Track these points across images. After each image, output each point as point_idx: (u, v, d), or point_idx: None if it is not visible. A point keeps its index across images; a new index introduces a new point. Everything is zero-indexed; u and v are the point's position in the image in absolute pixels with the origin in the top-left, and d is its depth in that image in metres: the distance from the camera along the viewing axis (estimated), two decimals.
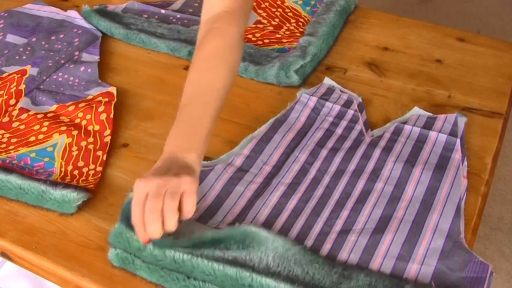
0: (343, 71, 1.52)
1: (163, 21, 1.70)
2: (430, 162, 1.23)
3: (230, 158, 1.25)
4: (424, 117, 1.34)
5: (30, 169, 1.26)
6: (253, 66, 1.50)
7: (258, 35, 1.63)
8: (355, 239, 1.09)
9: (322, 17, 1.65)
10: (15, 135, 1.34)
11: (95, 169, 1.26)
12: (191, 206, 1.00)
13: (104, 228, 1.14)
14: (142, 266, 1.05)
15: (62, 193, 1.17)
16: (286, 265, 1.03)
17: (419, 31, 1.66)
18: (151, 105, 1.43)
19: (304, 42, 1.56)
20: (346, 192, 1.18)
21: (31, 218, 1.17)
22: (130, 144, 1.33)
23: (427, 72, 1.52)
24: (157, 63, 1.57)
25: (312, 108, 1.37)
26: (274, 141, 1.28)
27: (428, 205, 1.15)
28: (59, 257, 1.10)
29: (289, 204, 1.16)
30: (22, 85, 1.47)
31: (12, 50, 1.61)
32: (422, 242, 1.09)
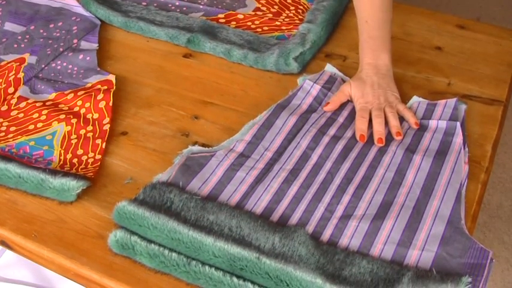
0: (343, 59, 1.52)
1: (162, 8, 1.69)
2: (431, 149, 1.23)
3: (231, 144, 1.25)
4: (424, 105, 1.34)
5: (29, 157, 1.26)
6: (253, 54, 1.49)
7: (257, 22, 1.63)
8: (356, 224, 1.09)
9: (321, 4, 1.64)
10: (14, 123, 1.34)
11: (94, 157, 1.25)
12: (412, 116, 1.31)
13: (103, 217, 1.14)
14: (143, 252, 1.05)
15: (61, 181, 1.16)
16: (291, 246, 1.03)
17: (419, 18, 1.66)
18: (150, 93, 1.43)
19: (304, 29, 1.56)
20: (348, 178, 1.18)
21: (30, 207, 1.17)
22: (129, 132, 1.32)
23: (427, 59, 1.52)
24: (156, 51, 1.57)
25: (314, 96, 1.36)
26: (275, 127, 1.28)
27: (429, 191, 1.15)
28: (59, 245, 1.10)
29: (290, 190, 1.16)
30: (21, 73, 1.47)
31: (10, 38, 1.60)
32: (423, 228, 1.09)
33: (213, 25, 1.60)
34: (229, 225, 1.07)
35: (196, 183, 1.16)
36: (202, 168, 1.19)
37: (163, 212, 1.08)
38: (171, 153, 1.25)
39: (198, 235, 1.04)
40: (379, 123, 1.29)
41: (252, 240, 1.05)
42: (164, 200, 1.12)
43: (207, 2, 1.72)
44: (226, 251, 1.02)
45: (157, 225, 1.06)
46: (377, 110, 1.31)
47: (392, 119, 1.30)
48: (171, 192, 1.13)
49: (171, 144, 1.28)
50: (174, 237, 1.05)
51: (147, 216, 1.07)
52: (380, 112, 1.31)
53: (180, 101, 1.40)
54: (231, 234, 1.06)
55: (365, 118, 1.30)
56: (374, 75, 1.36)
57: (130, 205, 1.09)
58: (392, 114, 1.31)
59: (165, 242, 1.05)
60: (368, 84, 1.35)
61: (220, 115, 1.35)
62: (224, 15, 1.66)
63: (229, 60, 1.52)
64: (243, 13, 1.66)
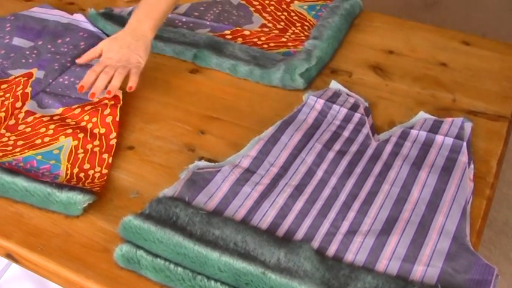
0: (348, 75, 1.53)
1: (169, 24, 1.70)
2: (437, 165, 1.23)
3: (237, 160, 1.25)
4: (430, 121, 1.34)
5: (36, 171, 1.26)
6: (259, 69, 1.50)
7: (263, 38, 1.63)
8: (361, 240, 1.09)
9: (327, 21, 1.65)
10: (22, 137, 1.34)
11: (100, 171, 1.26)
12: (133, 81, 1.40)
13: (109, 230, 1.14)
14: (148, 266, 1.05)
15: (67, 195, 1.17)
16: (296, 261, 1.03)
17: (424, 34, 1.67)
18: (156, 108, 1.43)
19: (310, 45, 1.57)
20: (353, 194, 1.18)
21: (36, 220, 1.17)
22: (136, 146, 1.33)
23: (432, 75, 1.52)
24: (163, 67, 1.57)
25: (319, 110, 1.37)
26: (281, 142, 1.28)
27: (434, 207, 1.15)
28: (64, 258, 1.10)
29: (295, 205, 1.16)
30: (28, 88, 1.47)
31: (18, 53, 1.61)
32: (428, 243, 1.09)
33: (219, 41, 1.61)
34: (235, 240, 1.07)
35: (202, 198, 1.17)
36: (208, 183, 1.20)
37: (169, 227, 1.09)
38: (177, 168, 1.26)
39: (203, 250, 1.05)
40: (103, 79, 1.41)
41: (257, 255, 1.05)
42: (170, 214, 1.12)
43: (213, 18, 1.73)
44: (231, 266, 1.03)
45: (163, 239, 1.07)
46: (110, 67, 1.43)
47: (115, 79, 1.40)
48: (177, 206, 1.13)
49: (177, 159, 1.29)
50: (180, 252, 1.05)
51: (153, 230, 1.08)
52: (111, 70, 1.42)
53: (186, 116, 1.40)
54: (236, 249, 1.06)
55: (95, 72, 1.42)
56: (128, 35, 1.48)
57: (136, 219, 1.10)
58: (119, 74, 1.41)
59: (170, 257, 1.06)
60: (118, 43, 1.48)
61: (226, 130, 1.36)
62: (230, 32, 1.67)
63: (235, 75, 1.53)
64: (249, 29, 1.67)
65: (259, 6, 1.78)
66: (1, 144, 1.33)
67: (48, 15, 1.76)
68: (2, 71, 1.54)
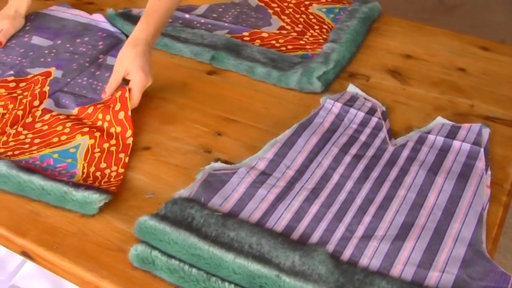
0: (366, 78, 1.52)
1: (187, 25, 1.70)
2: (453, 171, 1.23)
3: (253, 162, 1.25)
4: (447, 126, 1.34)
5: (52, 170, 1.26)
6: (276, 72, 1.50)
7: (281, 41, 1.63)
8: (376, 245, 1.09)
9: (345, 24, 1.65)
10: (38, 135, 1.35)
11: (117, 171, 1.26)
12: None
13: (124, 230, 1.14)
14: (163, 267, 1.05)
15: (83, 194, 1.17)
16: (311, 264, 1.03)
17: (443, 39, 1.66)
18: (173, 109, 1.44)
19: (328, 48, 1.56)
20: (369, 199, 1.18)
21: (52, 218, 1.18)
22: (153, 147, 1.33)
23: (450, 80, 1.52)
24: (181, 68, 1.58)
25: (336, 114, 1.37)
26: (297, 145, 1.28)
27: (450, 213, 1.15)
28: (79, 257, 1.10)
29: (311, 209, 1.16)
30: (46, 87, 1.48)
31: (37, 52, 1.62)
32: (443, 249, 1.08)
33: (237, 43, 1.61)
34: (250, 242, 1.07)
35: (218, 199, 1.17)
36: (224, 185, 1.20)
37: (184, 228, 1.09)
38: (193, 169, 1.26)
39: (218, 251, 1.05)
40: None
41: (272, 258, 1.05)
42: (185, 215, 1.12)
43: (231, 20, 1.73)
44: (246, 268, 1.02)
45: (178, 240, 1.07)
46: None
47: None
48: (193, 208, 1.13)
49: (194, 160, 1.29)
50: (195, 253, 1.05)
51: (168, 231, 1.08)
52: None
53: (203, 117, 1.41)
54: (251, 251, 1.06)
55: None
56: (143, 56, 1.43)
57: (152, 220, 1.10)
58: None
59: (185, 258, 1.06)
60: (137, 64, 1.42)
61: (242, 132, 1.36)
62: (249, 33, 1.67)
63: (253, 77, 1.53)
64: (268, 31, 1.67)
65: (277, 8, 1.78)
66: (18, 142, 1.33)
67: (67, 14, 1.76)
68: (21, 69, 1.55)
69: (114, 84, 1.43)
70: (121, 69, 1.41)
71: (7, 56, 1.61)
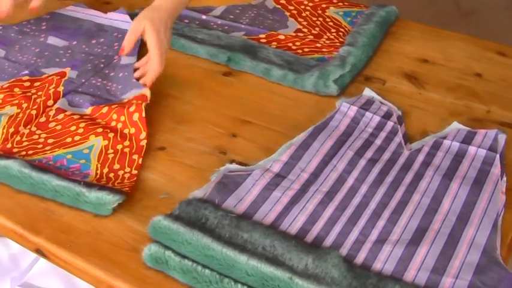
0: (382, 82, 1.52)
1: (204, 26, 1.71)
2: (468, 177, 1.22)
3: (268, 164, 1.25)
4: (463, 132, 1.33)
5: (66, 170, 1.27)
6: (292, 74, 1.50)
7: (298, 43, 1.63)
8: (390, 249, 1.09)
9: (362, 28, 1.65)
10: (52, 135, 1.35)
11: (130, 172, 1.26)
12: None
13: (138, 230, 1.15)
14: (176, 267, 1.05)
15: (97, 195, 1.17)
16: (324, 267, 1.03)
17: (460, 44, 1.65)
18: (189, 109, 1.44)
19: (344, 52, 1.56)
20: (383, 203, 1.17)
21: (67, 217, 1.18)
22: (167, 147, 1.33)
23: (467, 86, 1.51)
24: (197, 68, 1.58)
25: (352, 117, 1.36)
26: (312, 148, 1.28)
27: (464, 219, 1.14)
28: (93, 256, 1.11)
29: (325, 212, 1.15)
30: (60, 87, 1.48)
31: (52, 52, 1.62)
32: (457, 255, 1.08)
33: (253, 44, 1.61)
34: (263, 244, 1.07)
35: (232, 201, 1.17)
36: (239, 187, 1.20)
37: (198, 228, 1.09)
38: (208, 170, 1.26)
39: (231, 252, 1.05)
40: None
41: (285, 260, 1.05)
42: (199, 216, 1.12)
43: (248, 21, 1.73)
44: (259, 270, 1.02)
45: (191, 241, 1.07)
46: None
47: None
48: (207, 208, 1.13)
49: (208, 161, 1.29)
50: (208, 254, 1.05)
51: (182, 231, 1.08)
52: None
53: (218, 118, 1.41)
54: (264, 253, 1.06)
55: None
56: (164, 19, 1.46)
57: (166, 220, 1.10)
58: None
59: (198, 258, 1.06)
60: (158, 25, 1.44)
61: (258, 134, 1.36)
62: (265, 35, 1.67)
63: (269, 79, 1.53)
64: (284, 34, 1.67)
65: (294, 11, 1.78)
66: (32, 141, 1.34)
67: (82, 14, 1.77)
68: (36, 69, 1.55)
69: (131, 41, 1.44)
70: (138, 26, 1.42)
71: (22, 56, 1.62)
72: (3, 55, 1.62)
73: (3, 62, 1.59)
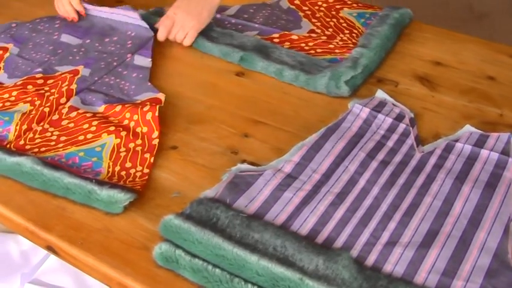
0: (395, 84, 1.52)
1: (217, 25, 1.71)
2: (480, 180, 1.22)
3: (280, 164, 1.25)
4: (476, 135, 1.33)
5: (78, 168, 1.27)
6: (304, 75, 1.50)
7: (311, 44, 1.63)
8: (401, 251, 1.08)
9: (375, 29, 1.65)
10: (64, 133, 1.36)
11: (142, 171, 1.26)
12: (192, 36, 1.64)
13: (149, 228, 1.15)
14: (186, 266, 1.05)
15: (108, 193, 1.17)
16: (335, 269, 1.03)
17: (473, 47, 1.65)
18: (202, 109, 1.44)
19: (357, 53, 1.56)
20: (394, 205, 1.17)
21: (78, 214, 1.18)
22: (180, 146, 1.34)
23: (479, 89, 1.51)
24: (210, 68, 1.58)
25: (364, 119, 1.36)
26: (324, 149, 1.28)
27: (476, 222, 1.14)
28: (104, 254, 1.11)
29: (336, 213, 1.15)
30: (73, 85, 1.49)
31: (66, 50, 1.63)
32: (468, 259, 1.08)
33: (266, 44, 1.62)
34: (274, 245, 1.07)
35: (243, 201, 1.17)
36: (250, 187, 1.20)
37: (209, 228, 1.09)
38: (220, 170, 1.26)
39: (242, 252, 1.05)
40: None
41: (295, 261, 1.05)
42: (210, 215, 1.12)
43: (262, 21, 1.74)
44: (269, 270, 1.02)
45: (202, 240, 1.07)
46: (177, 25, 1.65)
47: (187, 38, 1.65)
48: (218, 208, 1.13)
49: (220, 161, 1.29)
50: (218, 253, 1.05)
51: (193, 230, 1.08)
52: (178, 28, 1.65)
53: (231, 118, 1.41)
54: (275, 254, 1.06)
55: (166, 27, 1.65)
56: None
57: (177, 219, 1.10)
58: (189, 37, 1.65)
59: (209, 258, 1.06)
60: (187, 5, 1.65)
61: (270, 135, 1.36)
62: (278, 35, 1.67)
63: (281, 80, 1.53)
64: (297, 34, 1.67)
65: (308, 11, 1.78)
66: (44, 139, 1.34)
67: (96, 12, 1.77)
68: (49, 66, 1.56)
69: (164, 25, 1.64)
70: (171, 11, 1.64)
71: (36, 53, 1.63)
72: (16, 52, 1.63)
73: (17, 60, 1.60)
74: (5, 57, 1.61)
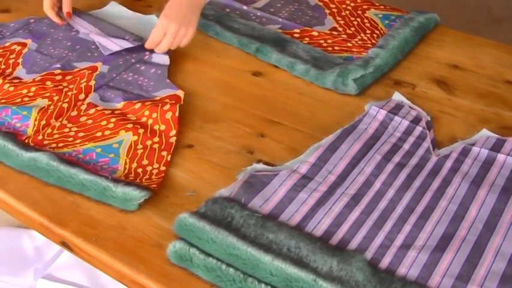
0: (412, 87, 1.51)
1: (242, 17, 1.74)
2: (496, 184, 1.21)
3: (295, 165, 1.25)
4: (492, 139, 1.32)
5: (95, 164, 1.27)
6: (315, 71, 1.51)
7: (329, 41, 1.64)
8: (415, 254, 1.08)
9: (397, 31, 1.64)
10: (83, 129, 1.36)
11: (158, 168, 1.27)
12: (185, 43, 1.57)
13: (163, 226, 1.15)
14: (200, 265, 1.06)
15: (123, 191, 1.18)
16: (349, 271, 1.03)
17: (491, 51, 1.64)
18: (217, 108, 1.44)
19: (372, 53, 1.56)
20: (410, 208, 1.17)
21: (93, 211, 1.19)
22: (195, 145, 1.34)
23: (497, 93, 1.50)
24: (226, 67, 1.58)
25: (381, 121, 1.36)
26: (340, 151, 1.28)
27: (491, 227, 1.13)
28: (118, 251, 1.11)
29: (351, 215, 1.15)
30: (92, 81, 1.49)
31: (84, 46, 1.63)
32: (483, 263, 1.07)
33: (285, 38, 1.63)
34: (288, 245, 1.07)
35: (258, 201, 1.17)
36: (265, 187, 1.20)
37: (224, 227, 1.09)
38: (235, 169, 1.26)
39: (256, 252, 1.05)
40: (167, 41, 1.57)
41: (309, 262, 1.05)
42: (225, 215, 1.12)
43: (286, 16, 1.75)
44: (283, 271, 1.02)
45: (216, 239, 1.07)
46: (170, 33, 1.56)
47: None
48: (233, 207, 1.13)
49: (235, 160, 1.29)
50: (232, 253, 1.05)
51: (207, 229, 1.08)
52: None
53: (246, 118, 1.41)
54: (289, 254, 1.06)
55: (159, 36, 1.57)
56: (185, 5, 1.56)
57: (192, 217, 1.10)
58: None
59: (223, 257, 1.06)
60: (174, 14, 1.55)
61: (285, 135, 1.36)
62: (300, 31, 1.68)
63: (292, 73, 1.54)
64: (318, 31, 1.68)
65: (335, 9, 1.79)
66: (62, 134, 1.35)
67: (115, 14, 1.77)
68: (68, 63, 1.56)
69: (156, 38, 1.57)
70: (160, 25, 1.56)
71: (54, 49, 1.63)
72: (35, 48, 1.63)
73: (36, 55, 1.60)
74: (23, 52, 1.61)
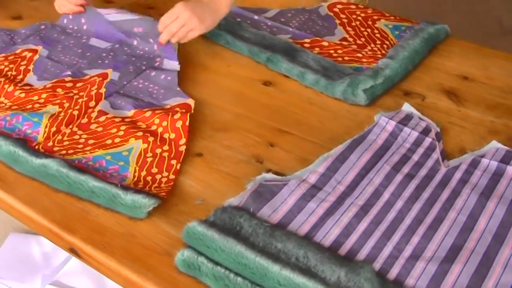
0: (422, 98, 1.51)
1: (253, 26, 1.74)
2: (506, 196, 1.21)
3: (304, 175, 1.25)
4: (502, 151, 1.32)
5: (104, 171, 1.28)
6: (324, 80, 1.52)
7: (340, 51, 1.65)
8: (424, 266, 1.08)
9: (407, 42, 1.65)
10: (93, 136, 1.36)
11: (168, 177, 1.27)
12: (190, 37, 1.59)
13: (172, 234, 1.15)
14: (208, 273, 1.06)
15: (132, 198, 1.18)
16: (357, 281, 1.03)
17: (501, 62, 1.64)
18: (228, 117, 1.45)
19: (382, 64, 1.56)
20: (418, 219, 1.16)
21: (102, 218, 1.19)
22: (205, 154, 1.34)
23: (507, 104, 1.50)
24: (237, 77, 1.59)
25: (390, 132, 1.36)
26: (349, 161, 1.28)
27: (500, 239, 1.13)
28: (126, 258, 1.12)
29: (360, 225, 1.15)
30: (103, 88, 1.50)
31: (94, 53, 1.64)
32: (492, 275, 1.07)
33: (295, 48, 1.64)
34: (297, 255, 1.07)
35: (267, 210, 1.17)
36: (274, 196, 1.20)
37: (232, 236, 1.09)
38: (244, 178, 1.26)
39: (264, 262, 1.05)
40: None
41: (318, 272, 1.05)
42: (234, 224, 1.12)
43: (297, 25, 1.76)
44: (291, 280, 1.02)
45: (225, 248, 1.07)
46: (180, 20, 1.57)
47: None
48: (242, 217, 1.13)
49: (245, 169, 1.29)
50: (241, 262, 1.05)
51: (216, 238, 1.08)
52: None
53: (257, 127, 1.41)
54: (297, 264, 1.06)
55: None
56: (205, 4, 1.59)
57: (201, 226, 1.10)
58: None
59: (231, 266, 1.06)
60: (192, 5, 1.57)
61: (295, 145, 1.36)
62: (310, 40, 1.69)
63: (302, 83, 1.55)
64: (329, 41, 1.69)
65: (345, 19, 1.79)
66: (73, 141, 1.35)
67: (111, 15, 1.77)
68: (78, 70, 1.57)
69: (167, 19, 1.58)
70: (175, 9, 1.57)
71: (65, 56, 1.64)
72: (46, 55, 1.64)
73: (46, 62, 1.61)
74: (34, 59, 1.62)
